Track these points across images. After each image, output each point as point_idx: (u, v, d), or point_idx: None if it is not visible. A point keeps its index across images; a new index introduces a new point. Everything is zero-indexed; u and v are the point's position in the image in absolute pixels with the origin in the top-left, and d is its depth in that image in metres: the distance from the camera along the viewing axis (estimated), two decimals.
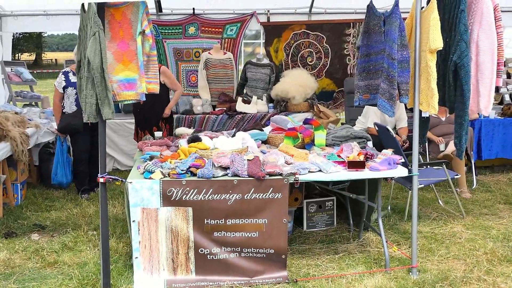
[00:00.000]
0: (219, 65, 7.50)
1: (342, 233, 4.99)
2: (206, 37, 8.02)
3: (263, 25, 8.08)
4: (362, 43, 4.58)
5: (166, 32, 7.93)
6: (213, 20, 8.00)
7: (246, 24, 8.06)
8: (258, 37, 8.46)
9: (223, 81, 7.53)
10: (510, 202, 5.88)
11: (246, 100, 7.29)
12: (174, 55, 8.03)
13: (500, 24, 4.24)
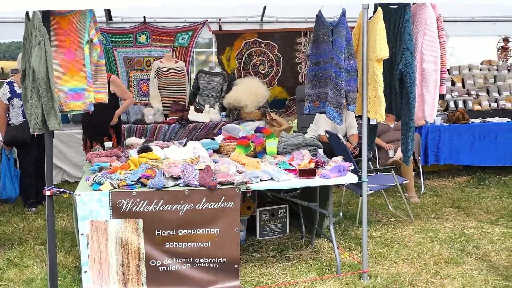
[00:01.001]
0: (170, 74, 7.46)
1: (295, 240, 5.03)
2: (157, 46, 7.96)
3: (215, 33, 8.09)
4: (312, 52, 4.65)
5: (116, 40, 7.82)
6: (165, 29, 7.95)
7: (198, 33, 8.05)
8: (210, 46, 8.46)
9: (175, 90, 7.49)
10: (456, 205, 6.06)
11: (198, 109, 7.27)
12: (124, 64, 7.93)
13: (443, 33, 4.38)
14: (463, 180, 7.20)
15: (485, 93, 7.65)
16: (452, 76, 7.86)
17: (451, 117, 7.08)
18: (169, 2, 3.65)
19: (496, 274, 4.21)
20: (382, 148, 6.53)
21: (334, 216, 5.51)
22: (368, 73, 4.10)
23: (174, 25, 7.99)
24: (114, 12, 7.79)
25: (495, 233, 5.12)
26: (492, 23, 8.64)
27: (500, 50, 8.55)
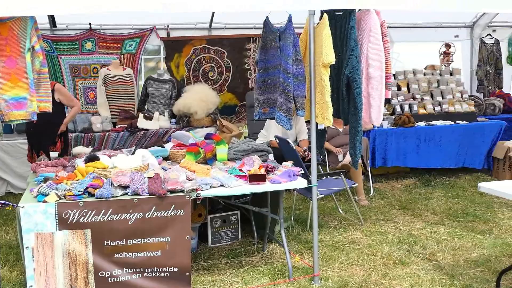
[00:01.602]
0: (118, 81, 7.34)
1: (247, 246, 5.02)
2: (104, 53, 7.81)
3: (163, 40, 8.01)
4: (260, 58, 4.67)
5: (61, 47, 7.64)
6: (111, 35, 7.82)
7: (145, 39, 7.96)
8: (159, 52, 8.37)
9: (123, 98, 7.38)
10: (404, 207, 6.21)
11: (147, 116, 7.17)
12: (70, 72, 7.75)
13: (387, 39, 4.49)
14: (410, 182, 7.38)
15: (429, 97, 7.88)
16: (397, 80, 8.05)
17: (398, 121, 7.25)
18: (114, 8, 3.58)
19: (442, 273, 4.33)
20: (331, 152, 6.61)
21: (285, 221, 5.55)
22: (315, 79, 4.15)
23: (121, 31, 7.86)
24: (58, 18, 7.60)
25: (441, 233, 5.27)
26: (435, 29, 8.91)
27: (443, 55, 8.82)
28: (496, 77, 9.17)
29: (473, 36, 9.21)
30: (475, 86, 9.20)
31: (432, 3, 4.11)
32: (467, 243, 5.00)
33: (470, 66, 9.30)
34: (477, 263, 4.51)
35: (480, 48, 9.11)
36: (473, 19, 9.06)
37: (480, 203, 6.30)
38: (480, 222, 5.61)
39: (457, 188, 7.01)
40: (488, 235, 5.20)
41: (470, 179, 7.37)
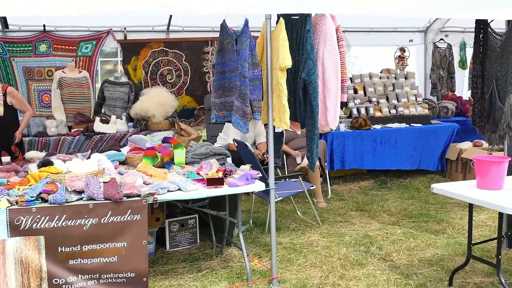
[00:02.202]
0: (74, 84, 7.20)
1: (206, 250, 5.00)
2: (59, 55, 7.65)
3: (120, 42, 7.91)
4: (217, 61, 4.67)
5: (14, 49, 7.44)
6: (67, 38, 7.67)
7: (102, 42, 7.84)
8: (117, 55, 8.26)
9: (79, 101, 7.24)
10: (361, 209, 6.31)
11: (104, 120, 7.06)
12: (24, 74, 7.55)
13: (342, 43, 4.55)
14: (367, 184, 7.50)
15: (385, 100, 8.03)
16: (354, 84, 8.18)
17: (355, 124, 7.37)
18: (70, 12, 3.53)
19: (397, 273, 4.41)
20: (290, 155, 6.66)
21: (244, 224, 5.56)
22: (272, 82, 4.17)
23: (76, 33, 7.72)
24: (11, 20, 7.41)
25: (397, 234, 5.37)
26: (390, 33, 9.10)
27: (398, 59, 9.01)
28: (448, 80, 9.43)
29: (426, 41, 9.45)
30: (429, 90, 9.44)
31: (386, 8, 4.20)
32: (421, 243, 5.11)
33: (424, 70, 9.53)
34: (431, 263, 4.62)
35: (434, 53, 9.35)
36: (427, 24, 9.29)
37: (434, 203, 6.45)
38: (434, 222, 5.75)
39: (412, 189, 7.17)
40: (442, 235, 5.33)
41: (425, 180, 7.54)
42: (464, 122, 8.11)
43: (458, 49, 9.61)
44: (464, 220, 5.70)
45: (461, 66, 9.58)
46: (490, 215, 5.83)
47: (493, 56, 4.81)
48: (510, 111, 4.61)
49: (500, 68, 4.69)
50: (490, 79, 4.85)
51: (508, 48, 4.58)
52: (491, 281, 4.20)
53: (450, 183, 4.30)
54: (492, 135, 4.96)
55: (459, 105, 8.79)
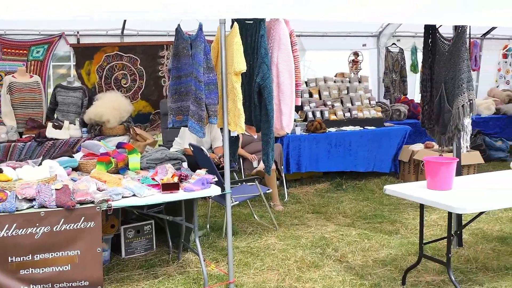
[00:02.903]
0: (25, 89, 7.02)
1: (162, 256, 4.96)
2: (9, 60, 7.45)
3: (72, 46, 7.77)
4: (173, 66, 4.65)
5: None
6: (17, 41, 7.47)
7: (54, 46, 7.68)
8: (70, 59, 8.09)
9: (30, 106, 7.06)
10: (317, 211, 6.38)
11: (57, 125, 6.91)
12: None
13: (296, 48, 4.61)
14: (323, 187, 7.59)
15: (340, 103, 8.15)
16: (309, 87, 8.27)
17: (310, 127, 7.45)
18: None
19: (352, 274, 4.49)
20: (246, 159, 6.68)
21: (201, 228, 5.54)
22: (227, 86, 4.18)
23: (27, 37, 7.53)
24: None
25: (352, 235, 5.46)
26: (344, 38, 9.25)
27: (351, 63, 9.16)
28: (401, 84, 9.65)
29: (379, 45, 9.65)
30: (382, 93, 9.63)
31: (339, 14, 4.27)
32: (375, 243, 5.21)
33: (377, 73, 9.73)
34: (385, 263, 4.71)
35: (386, 57, 9.55)
36: (379, 29, 9.49)
37: (388, 204, 6.59)
38: (387, 223, 5.87)
39: (367, 191, 7.30)
40: (395, 235, 5.45)
41: (379, 182, 7.69)
42: (416, 124, 8.29)
43: (410, 53, 9.85)
44: (417, 220, 5.82)
45: (413, 70, 9.82)
46: (441, 214, 5.99)
47: (442, 60, 4.96)
48: (458, 113, 4.75)
49: (448, 72, 4.84)
50: (439, 83, 4.99)
51: (456, 52, 4.73)
52: (442, 279, 4.32)
53: (402, 185, 4.41)
54: (441, 137, 5.10)
55: (411, 108, 9.02)
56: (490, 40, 10.43)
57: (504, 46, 10.63)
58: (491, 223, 5.76)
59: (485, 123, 9.26)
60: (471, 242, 5.22)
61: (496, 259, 4.76)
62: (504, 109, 9.53)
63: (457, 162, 4.45)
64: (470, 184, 4.32)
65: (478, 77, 10.51)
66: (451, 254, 3.98)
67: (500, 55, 10.72)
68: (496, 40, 10.51)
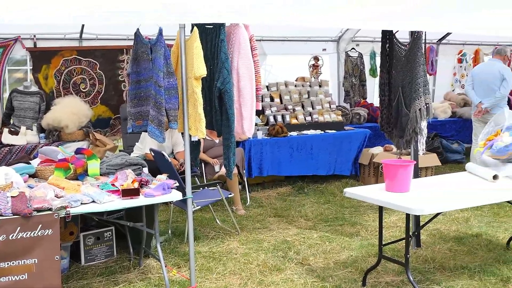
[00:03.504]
0: None
1: (123, 262, 4.90)
2: None
3: (29, 50, 7.60)
4: (132, 70, 4.61)
5: None
6: None
7: (9, 50, 7.49)
8: (26, 63, 7.91)
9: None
10: (279, 214, 6.41)
11: (13, 131, 6.76)
12: None
13: (256, 53, 4.64)
14: (285, 190, 7.63)
15: (301, 107, 8.22)
16: (270, 92, 8.31)
17: (271, 131, 7.49)
18: None
19: (314, 276, 4.53)
20: (208, 164, 6.66)
21: (162, 234, 5.50)
22: (187, 91, 4.17)
23: None
24: None
25: (313, 238, 5.51)
26: (304, 42, 9.34)
27: (312, 68, 9.26)
28: (360, 88, 9.81)
29: (339, 50, 9.78)
30: (342, 97, 9.76)
31: (299, 19, 4.32)
32: (337, 246, 5.27)
33: (337, 78, 9.86)
34: (346, 264, 4.77)
35: (346, 61, 9.69)
36: (339, 34, 9.62)
37: (348, 207, 6.67)
38: (348, 225, 5.95)
39: (328, 194, 7.38)
40: (356, 237, 5.52)
41: (340, 185, 7.78)
42: (375, 128, 8.43)
43: (369, 58, 10.02)
44: (377, 222, 5.87)
45: (372, 74, 9.99)
46: (400, 216, 6.10)
47: (399, 65, 5.07)
48: (415, 117, 4.86)
49: (405, 76, 4.95)
50: (396, 87, 5.10)
51: (412, 57, 4.84)
52: (401, 279, 4.41)
53: (361, 187, 4.47)
54: (399, 140, 5.22)
55: (371, 111, 9.16)
56: (446, 45, 10.72)
57: (459, 51, 10.94)
58: (448, 224, 5.91)
59: (442, 126, 9.50)
60: (429, 242, 5.34)
61: (452, 258, 4.89)
62: (460, 112, 9.79)
63: (415, 164, 4.55)
64: (428, 186, 4.42)
65: (434, 81, 10.78)
66: (409, 254, 4.06)
67: (456, 60, 11.02)
68: (451, 46, 10.81)
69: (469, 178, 4.64)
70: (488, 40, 10.70)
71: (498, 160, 4.71)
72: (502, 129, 4.70)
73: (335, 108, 8.53)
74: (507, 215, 6.16)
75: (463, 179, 4.66)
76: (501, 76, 7.41)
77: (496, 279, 4.39)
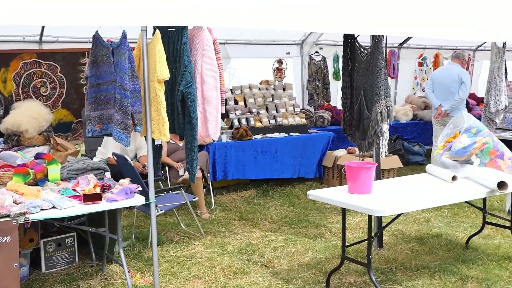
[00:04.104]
0: None
1: (85, 269, 4.82)
2: None
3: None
4: (91, 73, 4.54)
5: None
6: None
7: None
8: None
9: None
10: (244, 218, 6.41)
11: None
12: None
13: (219, 56, 4.64)
14: (250, 193, 7.64)
15: (265, 110, 8.25)
16: (235, 95, 8.31)
17: (236, 134, 7.49)
18: None
19: (278, 278, 4.54)
20: (172, 167, 6.62)
21: (126, 239, 5.44)
22: (150, 94, 4.13)
23: None
24: None
25: (278, 241, 5.53)
26: (268, 46, 9.38)
27: (276, 71, 9.31)
28: (324, 91, 9.90)
29: (302, 53, 9.85)
30: (306, 100, 9.83)
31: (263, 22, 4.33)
32: (301, 248, 5.31)
33: (301, 81, 9.92)
34: (310, 266, 4.81)
35: (310, 65, 9.77)
36: (302, 38, 9.70)
37: (312, 209, 6.73)
38: (312, 227, 5.99)
39: (293, 196, 7.42)
40: (320, 239, 5.57)
41: (304, 187, 7.83)
42: (339, 130, 8.49)
43: (332, 61, 10.12)
44: (340, 224, 5.98)
45: (335, 78, 10.08)
46: (363, 217, 6.18)
47: (361, 68, 5.15)
48: (376, 119, 4.94)
49: (366, 79, 5.02)
50: (358, 90, 5.17)
51: (373, 61, 4.92)
52: (364, 280, 4.46)
53: (324, 189, 4.52)
54: (362, 142, 5.29)
55: (334, 114, 9.26)
56: (407, 49, 10.92)
57: (420, 55, 11.17)
58: (410, 224, 6.02)
59: (404, 128, 9.67)
60: (391, 243, 5.43)
61: (414, 258, 4.98)
62: (421, 115, 9.99)
63: (377, 166, 4.62)
64: (389, 188, 4.49)
65: (396, 85, 10.97)
66: (371, 255, 4.12)
67: (416, 64, 11.24)
68: (412, 49, 11.02)
69: (429, 180, 4.74)
70: (447, 44, 10.96)
71: (456, 162, 4.83)
72: (460, 131, 4.81)
73: (299, 111, 8.59)
74: (466, 215, 6.32)
75: (423, 180, 4.75)
76: (459, 80, 7.59)
77: (456, 278, 4.49)
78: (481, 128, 4.82)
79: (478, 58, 11.94)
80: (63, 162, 5.92)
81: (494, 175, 4.42)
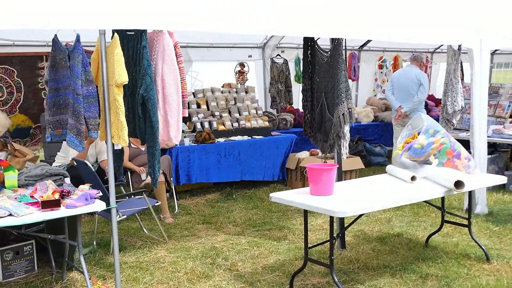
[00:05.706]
0: None
1: (44, 277, 4.72)
2: None
3: None
4: (50, 78, 4.46)
5: None
6: None
7: None
8: None
9: None
10: (208, 221, 6.38)
11: None
12: None
13: (181, 59, 4.61)
14: (213, 197, 7.61)
15: (228, 114, 8.24)
16: (197, 98, 8.27)
17: (199, 138, 7.45)
18: None
19: (242, 281, 4.54)
20: (135, 172, 6.54)
21: (87, 246, 5.36)
22: (109, 99, 4.08)
23: None
24: None
25: (242, 244, 5.53)
26: (230, 49, 9.37)
27: (238, 74, 9.32)
28: (286, 94, 9.94)
29: (264, 56, 9.87)
30: (268, 103, 9.85)
31: (223, 25, 4.34)
32: (265, 250, 5.32)
33: (263, 84, 9.95)
34: (274, 268, 4.82)
35: (272, 67, 9.80)
36: (264, 41, 9.73)
37: (276, 211, 6.75)
38: (276, 229, 6.01)
39: (256, 199, 7.42)
40: (283, 241, 5.59)
41: (268, 190, 7.84)
42: (301, 132, 8.51)
43: (294, 64, 10.18)
44: None
45: (297, 80, 10.14)
46: (326, 219, 6.23)
47: (321, 71, 5.19)
48: (338, 121, 4.99)
49: (327, 82, 5.07)
50: (320, 93, 5.22)
51: (334, 64, 4.97)
52: (327, 281, 4.50)
53: (287, 192, 4.54)
54: (324, 144, 5.33)
55: (297, 116, 9.31)
56: (367, 52, 11.09)
57: (380, 58, 11.35)
58: (372, 225, 6.10)
59: (365, 130, 9.81)
60: (353, 243, 5.49)
61: (376, 258, 5.05)
62: (382, 117, 10.15)
63: (338, 168, 4.67)
64: (351, 189, 4.55)
65: (357, 87, 11.13)
66: (334, 256, 4.15)
67: (376, 66, 11.42)
68: (372, 52, 11.20)
69: (389, 180, 4.82)
70: (406, 47, 11.18)
71: (416, 162, 4.93)
72: (419, 132, 4.91)
73: (262, 114, 8.61)
74: (426, 214, 6.44)
75: (384, 181, 4.83)
76: (418, 82, 7.75)
77: (416, 276, 4.58)
78: (438, 129, 4.93)
79: (436, 60, 12.21)
80: (21, 168, 5.80)
81: (452, 175, 4.53)
